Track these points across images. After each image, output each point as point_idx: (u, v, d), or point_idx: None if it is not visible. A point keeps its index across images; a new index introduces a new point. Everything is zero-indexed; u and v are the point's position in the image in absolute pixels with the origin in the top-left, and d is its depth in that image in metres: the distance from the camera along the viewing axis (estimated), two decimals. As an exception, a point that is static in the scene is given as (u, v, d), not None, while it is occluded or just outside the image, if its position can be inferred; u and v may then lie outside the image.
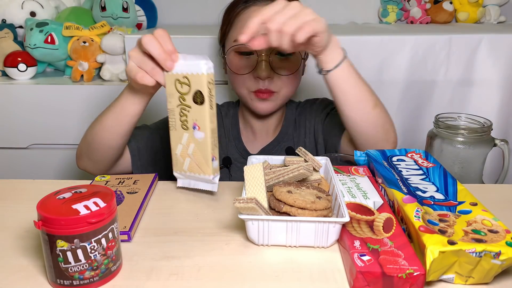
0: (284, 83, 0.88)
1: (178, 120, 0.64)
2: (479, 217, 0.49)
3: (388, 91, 1.22)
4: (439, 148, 0.84)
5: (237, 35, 0.85)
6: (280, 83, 0.87)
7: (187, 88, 0.62)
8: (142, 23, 1.50)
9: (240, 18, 0.87)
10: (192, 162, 0.64)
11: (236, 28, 0.87)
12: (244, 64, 0.87)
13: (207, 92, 0.60)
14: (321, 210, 0.51)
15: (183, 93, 0.62)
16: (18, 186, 0.69)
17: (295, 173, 0.58)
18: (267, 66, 0.85)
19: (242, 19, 0.86)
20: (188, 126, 0.63)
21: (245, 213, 0.50)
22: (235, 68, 0.88)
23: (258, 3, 0.86)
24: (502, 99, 1.21)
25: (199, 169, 0.63)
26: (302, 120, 0.97)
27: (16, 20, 1.39)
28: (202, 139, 0.62)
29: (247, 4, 0.87)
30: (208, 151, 0.62)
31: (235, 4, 0.89)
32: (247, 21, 0.80)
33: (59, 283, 0.44)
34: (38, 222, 0.43)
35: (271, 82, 0.87)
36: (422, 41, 1.19)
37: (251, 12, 0.85)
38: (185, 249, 0.52)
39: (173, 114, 0.64)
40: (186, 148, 0.64)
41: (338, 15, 1.63)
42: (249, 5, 0.87)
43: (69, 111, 1.26)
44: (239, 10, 0.88)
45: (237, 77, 0.89)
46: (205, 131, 0.62)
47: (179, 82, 0.62)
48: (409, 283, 0.43)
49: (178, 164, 0.66)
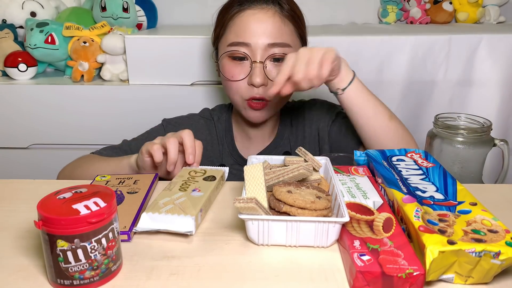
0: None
1: (177, 186, 0.63)
2: (478, 217, 0.49)
3: (388, 91, 1.22)
4: (439, 148, 0.85)
5: (231, 39, 0.83)
6: None
7: (201, 173, 0.68)
8: (142, 23, 1.50)
9: (235, 21, 0.83)
10: (176, 207, 0.56)
11: (231, 31, 0.84)
12: (238, 70, 0.84)
13: (219, 177, 0.67)
14: (321, 210, 0.51)
15: (195, 176, 0.67)
16: (18, 186, 0.69)
17: (295, 173, 0.58)
18: (262, 73, 0.82)
19: (236, 22, 0.83)
20: (188, 190, 0.62)
21: (245, 213, 0.50)
22: (228, 74, 0.85)
23: (253, 6, 0.83)
24: (502, 99, 1.21)
25: (182, 211, 0.55)
26: (300, 124, 0.95)
27: (17, 20, 1.39)
28: (198, 196, 0.60)
29: (242, 7, 0.83)
30: (200, 203, 0.58)
31: (229, 6, 0.86)
32: (241, 26, 0.81)
33: (59, 283, 0.44)
34: (38, 222, 0.43)
35: (266, 89, 0.83)
36: (421, 41, 1.19)
37: (246, 16, 0.82)
38: (185, 249, 0.52)
39: (174, 183, 0.64)
40: (174, 199, 0.59)
41: (338, 15, 1.63)
42: (244, 8, 0.83)
43: (69, 111, 1.26)
44: (233, 12, 0.84)
45: (231, 84, 0.85)
46: (205, 193, 0.61)
47: (194, 171, 0.69)
48: (408, 283, 0.43)
49: (155, 207, 0.56)
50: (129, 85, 1.25)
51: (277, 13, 0.82)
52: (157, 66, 1.24)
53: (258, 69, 0.81)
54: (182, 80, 1.25)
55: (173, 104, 1.22)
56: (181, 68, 1.23)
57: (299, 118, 0.96)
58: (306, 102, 0.99)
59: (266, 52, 0.82)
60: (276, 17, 0.82)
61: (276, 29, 0.81)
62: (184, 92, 1.24)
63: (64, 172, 0.86)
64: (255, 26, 0.81)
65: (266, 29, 0.81)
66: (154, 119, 1.02)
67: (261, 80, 0.82)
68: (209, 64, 1.23)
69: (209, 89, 1.24)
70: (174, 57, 1.23)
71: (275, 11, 0.82)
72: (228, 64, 0.85)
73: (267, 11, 0.82)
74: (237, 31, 0.83)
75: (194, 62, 1.23)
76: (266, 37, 0.81)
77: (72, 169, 0.85)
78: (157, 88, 1.24)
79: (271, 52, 0.82)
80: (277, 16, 0.82)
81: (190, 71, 1.24)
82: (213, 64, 1.23)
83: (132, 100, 1.25)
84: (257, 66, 0.82)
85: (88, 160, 0.85)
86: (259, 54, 0.82)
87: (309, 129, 0.95)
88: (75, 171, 0.83)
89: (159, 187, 0.70)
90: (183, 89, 1.24)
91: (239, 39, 0.82)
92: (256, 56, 0.82)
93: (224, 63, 0.86)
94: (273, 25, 0.81)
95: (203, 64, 1.23)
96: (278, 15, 0.82)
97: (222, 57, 0.86)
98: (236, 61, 0.84)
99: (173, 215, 0.54)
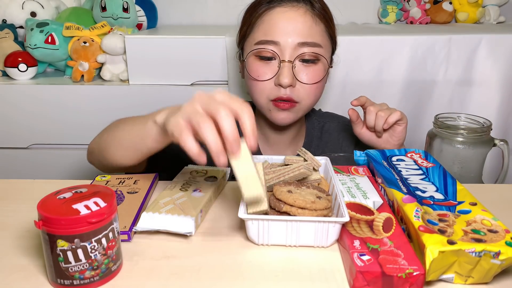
0: (307, 93, 0.80)
1: (178, 186, 0.62)
2: (478, 217, 0.49)
3: (388, 91, 1.22)
4: (439, 148, 0.85)
5: (259, 37, 0.80)
6: (302, 93, 0.80)
7: (202, 174, 0.67)
8: (142, 23, 1.50)
9: (263, 19, 0.80)
10: (176, 208, 0.56)
11: (259, 30, 0.80)
12: (265, 70, 0.80)
13: (220, 178, 0.67)
14: (321, 210, 0.51)
15: (196, 176, 0.67)
16: (18, 186, 0.69)
17: (296, 172, 0.58)
18: (290, 73, 0.78)
19: (265, 20, 0.80)
20: (189, 190, 0.62)
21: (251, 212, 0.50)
22: (254, 73, 0.80)
23: (284, 4, 0.80)
24: (502, 99, 1.21)
25: (182, 212, 0.55)
26: (332, 140, 0.94)
27: (17, 20, 1.39)
28: (199, 196, 0.60)
29: (271, 4, 0.80)
30: (201, 204, 0.58)
31: (258, 4, 0.82)
32: (270, 24, 0.79)
33: (60, 282, 0.44)
34: (38, 222, 0.43)
35: (293, 90, 0.79)
36: (421, 41, 1.19)
37: (276, 14, 0.79)
38: (185, 249, 0.52)
39: (175, 183, 0.64)
40: (175, 200, 0.58)
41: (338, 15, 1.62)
42: (273, 5, 0.80)
43: (69, 111, 1.26)
44: (262, 11, 0.80)
45: (256, 84, 0.81)
46: (206, 193, 0.61)
47: (196, 171, 0.68)
48: (408, 283, 0.43)
49: (155, 207, 0.56)
50: (129, 85, 1.25)
51: (308, 12, 0.79)
52: (157, 66, 1.24)
53: (286, 68, 0.77)
54: (182, 80, 1.25)
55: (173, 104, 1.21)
56: (181, 68, 1.23)
57: (326, 135, 0.93)
58: (337, 121, 0.96)
59: (295, 52, 0.78)
60: (307, 15, 0.79)
61: (306, 28, 0.78)
62: (184, 92, 1.24)
63: (92, 145, 0.78)
64: (285, 24, 0.78)
65: (296, 28, 0.78)
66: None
67: (289, 81, 0.77)
68: (209, 64, 1.23)
69: (209, 89, 1.24)
70: (174, 57, 1.23)
71: (306, 10, 0.79)
72: (254, 63, 0.81)
73: (297, 9, 0.79)
74: (265, 29, 0.79)
75: (194, 62, 1.23)
76: (296, 36, 0.77)
77: (99, 145, 0.76)
78: (157, 88, 1.24)
79: (300, 51, 0.78)
80: (308, 14, 0.79)
81: (190, 71, 1.24)
82: (213, 64, 1.23)
83: (132, 100, 1.25)
84: (285, 66, 0.78)
85: (111, 130, 0.75)
86: (288, 53, 0.78)
87: (334, 148, 0.92)
88: (101, 145, 0.74)
89: (159, 187, 0.70)
90: (183, 89, 1.24)
91: (267, 37, 0.79)
92: (285, 55, 0.78)
93: (250, 62, 0.82)
94: (303, 23, 0.78)
95: (203, 64, 1.23)
96: (310, 14, 0.79)
97: (249, 56, 0.82)
98: (263, 60, 0.80)
99: (173, 215, 0.54)
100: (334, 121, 0.96)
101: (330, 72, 0.87)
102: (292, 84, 0.78)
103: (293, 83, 0.79)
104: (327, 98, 1.22)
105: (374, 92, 1.22)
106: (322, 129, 0.95)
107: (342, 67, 1.20)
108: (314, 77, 0.80)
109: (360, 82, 1.21)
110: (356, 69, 1.21)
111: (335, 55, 0.90)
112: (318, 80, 0.80)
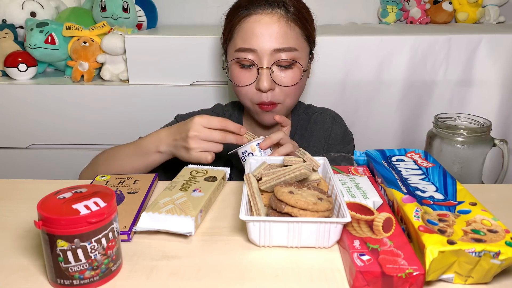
0: (287, 94, 0.85)
1: (178, 186, 0.63)
2: (478, 217, 0.49)
3: (388, 91, 1.22)
4: (439, 148, 0.85)
5: (238, 44, 0.83)
6: (283, 94, 0.85)
7: (202, 174, 0.69)
8: (142, 23, 1.50)
9: (242, 26, 0.84)
10: (176, 208, 0.56)
11: (238, 36, 0.84)
12: (246, 76, 0.85)
13: (220, 178, 0.68)
14: (322, 211, 0.51)
15: (196, 176, 0.68)
16: (18, 186, 0.69)
17: (296, 173, 0.58)
18: (269, 78, 0.82)
19: (243, 28, 0.83)
20: (188, 190, 0.62)
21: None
22: (236, 80, 0.86)
23: (259, 11, 0.83)
24: (502, 99, 1.21)
25: (182, 212, 0.55)
26: (314, 132, 0.96)
27: (17, 20, 1.39)
28: (199, 196, 0.60)
29: (248, 11, 0.84)
30: (201, 204, 0.58)
31: (236, 9, 0.86)
32: (248, 32, 0.83)
33: (59, 282, 0.44)
34: (38, 222, 0.43)
35: (274, 94, 0.84)
36: (421, 41, 1.19)
37: (252, 22, 0.82)
38: (185, 249, 0.52)
39: (175, 183, 0.64)
40: (174, 199, 0.59)
41: (338, 15, 1.63)
42: (250, 13, 0.83)
43: (69, 111, 1.26)
44: (241, 16, 0.84)
45: (240, 89, 0.87)
46: (206, 193, 0.61)
47: (196, 171, 0.69)
48: (408, 283, 0.43)
49: (155, 207, 0.56)
50: (129, 85, 1.25)
51: (283, 17, 0.82)
52: (157, 66, 1.24)
53: (265, 75, 0.82)
54: (182, 80, 1.25)
55: (173, 104, 1.22)
56: (181, 68, 1.23)
57: (313, 126, 0.97)
58: (325, 114, 1.00)
59: (272, 58, 0.82)
60: (281, 21, 0.82)
61: (281, 34, 0.82)
62: (184, 92, 1.24)
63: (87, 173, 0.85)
64: (261, 31, 0.81)
65: (272, 35, 0.81)
66: (154, 119, 1.02)
67: (268, 85, 0.82)
68: (209, 64, 1.23)
69: (209, 89, 1.24)
70: (174, 57, 1.23)
71: (281, 16, 0.82)
72: (236, 70, 0.86)
73: (272, 15, 0.82)
74: (243, 37, 0.83)
75: (194, 62, 1.23)
76: (272, 43, 0.81)
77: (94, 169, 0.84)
78: (157, 88, 1.24)
79: (277, 57, 0.82)
80: (283, 20, 0.82)
81: (190, 71, 1.24)
82: (213, 64, 1.23)
83: (132, 100, 1.25)
84: (263, 73, 0.82)
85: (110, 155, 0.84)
86: (266, 60, 0.82)
87: (320, 140, 0.96)
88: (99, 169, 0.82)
89: (159, 187, 0.70)
90: (183, 89, 1.24)
91: (245, 45, 0.83)
92: (263, 62, 0.82)
93: (232, 69, 0.87)
94: (278, 30, 0.81)
95: (203, 64, 1.23)
96: (284, 19, 0.82)
97: (231, 64, 0.87)
98: (243, 67, 0.85)
99: (173, 216, 0.54)
100: (322, 114, 1.01)
101: (330, 72, 0.88)
102: (271, 88, 0.83)
103: (272, 87, 0.84)
104: (327, 98, 1.22)
105: (374, 92, 1.22)
106: (309, 121, 0.99)
107: (342, 67, 1.20)
108: (292, 79, 0.84)
109: (360, 82, 1.21)
110: (356, 69, 1.21)
111: (314, 51, 0.92)
112: (296, 82, 0.85)
